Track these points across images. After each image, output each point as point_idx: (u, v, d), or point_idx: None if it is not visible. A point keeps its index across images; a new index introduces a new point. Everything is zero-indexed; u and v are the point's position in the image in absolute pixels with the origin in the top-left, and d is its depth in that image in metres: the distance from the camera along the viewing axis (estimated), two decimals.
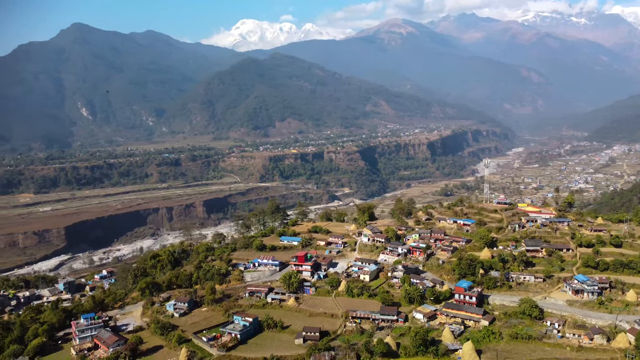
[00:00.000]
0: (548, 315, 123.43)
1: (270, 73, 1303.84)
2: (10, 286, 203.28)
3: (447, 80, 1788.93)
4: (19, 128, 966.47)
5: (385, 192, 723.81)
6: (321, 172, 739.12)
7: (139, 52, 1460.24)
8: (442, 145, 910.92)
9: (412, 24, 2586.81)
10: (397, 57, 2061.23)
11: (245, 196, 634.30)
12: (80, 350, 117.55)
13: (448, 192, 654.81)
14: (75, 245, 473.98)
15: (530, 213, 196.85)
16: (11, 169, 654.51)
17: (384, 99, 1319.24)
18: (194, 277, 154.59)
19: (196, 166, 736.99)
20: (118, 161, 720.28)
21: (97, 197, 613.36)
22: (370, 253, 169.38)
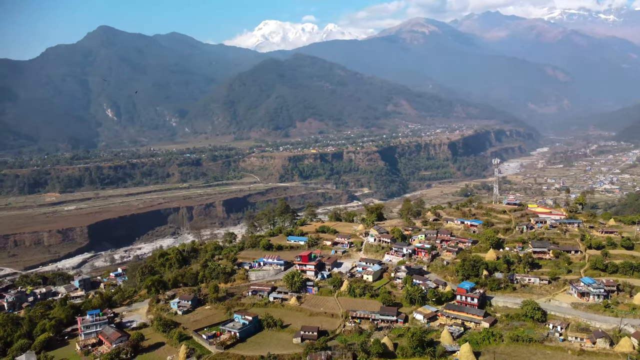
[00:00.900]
0: (551, 318, 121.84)
1: (292, 73, 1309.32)
2: (29, 283, 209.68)
3: (470, 80, 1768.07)
4: (46, 129, 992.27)
5: (405, 193, 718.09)
6: (340, 172, 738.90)
7: (162, 54, 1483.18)
8: (463, 145, 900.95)
9: (435, 23, 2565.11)
10: (419, 56, 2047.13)
11: (265, 196, 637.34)
12: (85, 346, 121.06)
13: (468, 193, 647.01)
14: (98, 243, 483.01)
15: (540, 214, 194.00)
16: (38, 168, 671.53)
17: (405, 99, 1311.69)
18: (200, 276, 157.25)
19: (217, 166, 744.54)
20: (141, 161, 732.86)
21: (120, 196, 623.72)
22: (376, 253, 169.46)
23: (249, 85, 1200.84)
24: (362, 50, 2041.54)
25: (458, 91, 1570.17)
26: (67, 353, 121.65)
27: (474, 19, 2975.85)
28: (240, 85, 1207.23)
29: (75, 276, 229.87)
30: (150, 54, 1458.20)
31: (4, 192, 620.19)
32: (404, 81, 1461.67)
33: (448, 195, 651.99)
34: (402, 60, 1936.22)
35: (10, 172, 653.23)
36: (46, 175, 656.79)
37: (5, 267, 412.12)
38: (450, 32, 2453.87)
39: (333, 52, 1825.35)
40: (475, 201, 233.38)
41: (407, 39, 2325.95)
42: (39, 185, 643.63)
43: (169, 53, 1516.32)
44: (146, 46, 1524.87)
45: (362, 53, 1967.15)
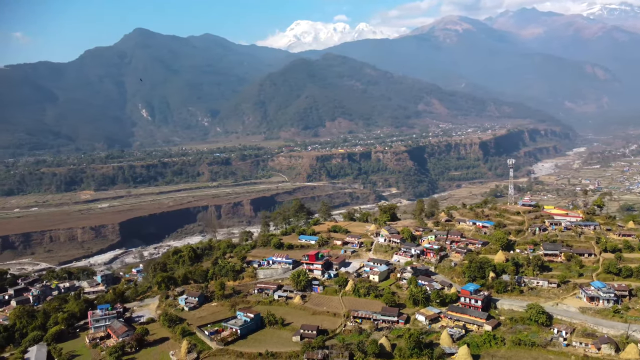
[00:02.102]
0: (557, 322, 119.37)
1: (322, 73, 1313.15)
2: (55, 277, 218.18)
3: (505, 78, 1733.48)
4: (84, 129, 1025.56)
5: (434, 193, 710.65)
6: (368, 172, 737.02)
7: (195, 55, 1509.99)
8: (495, 144, 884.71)
9: (469, 20, 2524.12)
10: (452, 55, 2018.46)
11: (292, 195, 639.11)
12: (94, 339, 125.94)
13: (498, 194, 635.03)
14: (129, 240, 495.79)
15: (556, 216, 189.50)
16: (74, 167, 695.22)
17: (436, 98, 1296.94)
18: (210, 273, 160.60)
19: (246, 165, 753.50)
20: (172, 160, 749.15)
21: (151, 194, 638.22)
22: (385, 253, 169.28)
23: (279, 85, 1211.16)
24: (393, 49, 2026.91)
25: (492, 90, 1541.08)
26: (77, 345, 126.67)
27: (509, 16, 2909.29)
28: (270, 85, 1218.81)
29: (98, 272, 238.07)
30: (184, 55, 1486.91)
31: (42, 190, 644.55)
32: (436, 80, 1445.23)
33: (477, 195, 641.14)
34: (434, 59, 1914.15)
35: (48, 170, 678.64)
36: (82, 174, 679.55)
37: (41, 262, 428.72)
38: (484, 30, 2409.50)
39: (364, 51, 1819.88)
40: (490, 202, 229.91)
41: (440, 37, 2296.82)
42: (75, 183, 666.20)
43: (202, 54, 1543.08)
44: (180, 47, 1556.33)
45: (394, 52, 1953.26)
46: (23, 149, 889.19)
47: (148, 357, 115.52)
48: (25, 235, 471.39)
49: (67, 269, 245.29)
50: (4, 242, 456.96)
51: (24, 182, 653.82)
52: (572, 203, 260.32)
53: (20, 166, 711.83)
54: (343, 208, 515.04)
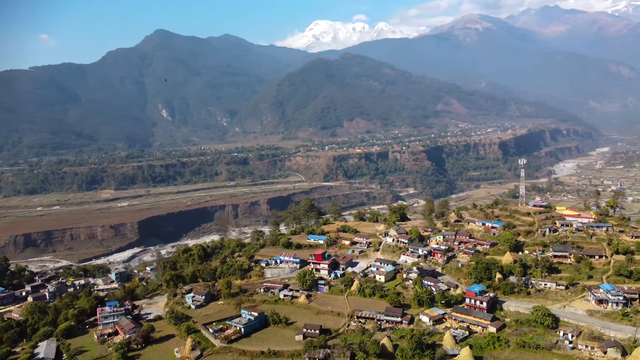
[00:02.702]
0: (563, 325, 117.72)
1: (340, 73, 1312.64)
2: (71, 274, 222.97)
3: (526, 77, 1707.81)
4: (105, 129, 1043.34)
5: (452, 193, 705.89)
6: (385, 171, 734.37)
7: (215, 56, 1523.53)
8: (515, 144, 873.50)
9: (489, 19, 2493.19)
10: (472, 54, 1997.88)
11: (309, 195, 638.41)
12: (102, 335, 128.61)
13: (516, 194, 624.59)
14: (147, 238, 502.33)
15: (567, 217, 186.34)
16: (95, 167, 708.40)
17: (456, 98, 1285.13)
18: (218, 272, 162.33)
19: (263, 165, 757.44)
20: (190, 160, 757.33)
21: (170, 193, 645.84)
22: (392, 254, 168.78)
23: (297, 85, 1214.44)
24: (412, 49, 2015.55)
25: (512, 89, 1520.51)
26: (86, 341, 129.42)
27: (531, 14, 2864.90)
28: (289, 85, 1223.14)
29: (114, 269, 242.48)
30: (204, 56, 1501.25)
31: (64, 189, 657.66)
32: (455, 79, 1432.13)
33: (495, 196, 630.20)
34: (454, 58, 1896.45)
35: (70, 170, 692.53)
36: (103, 173, 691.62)
37: (61, 260, 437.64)
38: (505, 28, 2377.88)
39: (383, 51, 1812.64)
40: (502, 203, 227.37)
41: (460, 36, 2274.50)
42: (96, 182, 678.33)
43: (221, 55, 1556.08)
44: (199, 48, 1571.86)
45: (413, 51, 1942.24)
46: (47, 149, 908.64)
47: (153, 353, 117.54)
48: (47, 233, 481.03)
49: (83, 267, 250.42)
50: (27, 239, 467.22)
51: (47, 181, 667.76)
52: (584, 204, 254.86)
53: (44, 165, 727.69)
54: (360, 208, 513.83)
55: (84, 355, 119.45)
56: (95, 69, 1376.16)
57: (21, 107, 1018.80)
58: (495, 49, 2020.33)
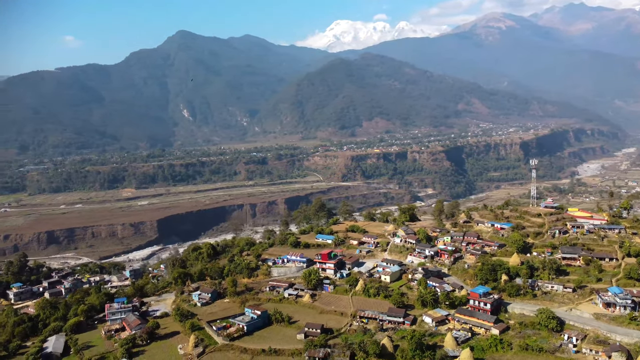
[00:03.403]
0: (568, 328, 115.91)
1: (360, 73, 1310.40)
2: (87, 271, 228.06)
3: (549, 76, 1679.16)
4: (128, 129, 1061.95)
5: (471, 194, 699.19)
6: (404, 172, 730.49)
7: (236, 56, 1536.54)
8: (537, 145, 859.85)
9: (512, 17, 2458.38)
10: (494, 53, 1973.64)
11: (326, 195, 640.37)
12: (109, 331, 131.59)
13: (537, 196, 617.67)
14: (167, 237, 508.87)
15: (579, 218, 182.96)
16: (117, 166, 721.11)
17: (477, 97, 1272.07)
18: (226, 270, 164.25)
19: (281, 165, 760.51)
20: (210, 159, 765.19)
21: (189, 192, 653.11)
22: (400, 254, 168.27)
23: (317, 85, 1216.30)
24: (433, 48, 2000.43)
25: (536, 88, 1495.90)
26: (94, 337, 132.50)
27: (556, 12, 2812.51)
28: (308, 85, 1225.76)
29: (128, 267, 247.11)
30: (224, 56, 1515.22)
31: (87, 187, 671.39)
32: (476, 79, 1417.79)
33: (515, 197, 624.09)
34: (475, 57, 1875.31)
35: (92, 169, 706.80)
36: (124, 172, 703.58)
37: (83, 257, 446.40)
38: (529, 27, 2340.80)
39: (403, 50, 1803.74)
40: (513, 204, 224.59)
41: (482, 35, 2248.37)
42: (117, 181, 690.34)
43: (242, 55, 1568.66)
44: (221, 49, 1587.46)
45: (434, 51, 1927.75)
46: (71, 148, 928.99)
47: (157, 349, 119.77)
48: (70, 231, 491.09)
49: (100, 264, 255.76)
50: (50, 236, 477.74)
51: (71, 179, 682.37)
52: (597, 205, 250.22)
53: (68, 165, 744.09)
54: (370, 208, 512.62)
55: (90, 350, 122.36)
56: (119, 69, 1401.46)
57: (47, 108, 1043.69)
58: (518, 47, 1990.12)
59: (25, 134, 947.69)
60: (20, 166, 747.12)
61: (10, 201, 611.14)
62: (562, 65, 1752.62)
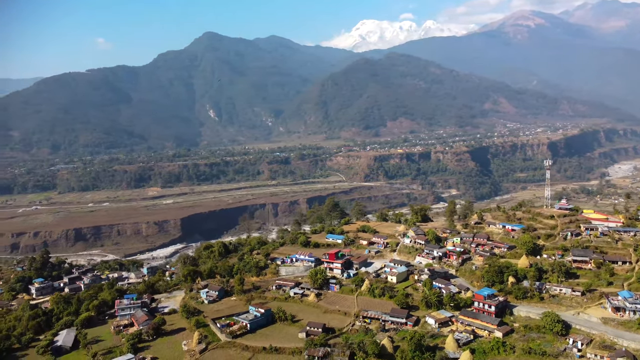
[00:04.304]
0: (574, 332, 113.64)
1: (385, 72, 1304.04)
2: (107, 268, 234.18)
3: (580, 75, 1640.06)
4: (155, 129, 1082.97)
5: (496, 195, 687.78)
6: (427, 172, 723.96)
7: (261, 57, 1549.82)
8: (565, 145, 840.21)
9: (542, 15, 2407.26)
10: (522, 51, 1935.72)
11: (348, 195, 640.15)
12: (118, 326, 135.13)
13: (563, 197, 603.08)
14: (190, 235, 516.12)
15: (594, 220, 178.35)
16: (143, 165, 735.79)
17: (504, 97, 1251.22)
18: (235, 269, 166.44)
19: (304, 165, 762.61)
20: (234, 159, 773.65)
21: (213, 192, 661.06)
22: (409, 255, 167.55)
23: (341, 85, 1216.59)
24: (460, 47, 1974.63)
25: (566, 88, 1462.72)
26: (103, 331, 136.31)
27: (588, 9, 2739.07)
28: (332, 85, 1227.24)
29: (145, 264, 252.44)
30: (250, 57, 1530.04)
31: (114, 186, 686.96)
32: (504, 78, 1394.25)
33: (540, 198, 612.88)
34: (503, 56, 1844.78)
35: (120, 168, 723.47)
36: (150, 172, 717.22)
37: (108, 254, 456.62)
38: (559, 24, 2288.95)
39: (429, 49, 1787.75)
40: (526, 205, 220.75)
41: (510, 33, 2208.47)
42: (143, 180, 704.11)
43: (267, 55, 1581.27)
44: (246, 49, 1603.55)
45: (460, 50, 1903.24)
46: (100, 148, 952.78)
47: (162, 345, 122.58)
48: (96, 228, 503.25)
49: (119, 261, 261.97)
50: (77, 234, 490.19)
51: (99, 178, 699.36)
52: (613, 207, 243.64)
53: (96, 164, 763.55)
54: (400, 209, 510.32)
55: (98, 344, 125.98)
56: (147, 70, 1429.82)
57: (78, 108, 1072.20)
58: (547, 46, 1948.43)
59: (57, 134, 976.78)
60: (51, 165, 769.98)
61: (41, 199, 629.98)
62: (593, 64, 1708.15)
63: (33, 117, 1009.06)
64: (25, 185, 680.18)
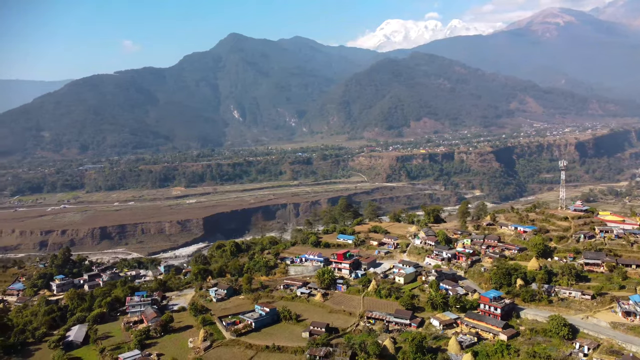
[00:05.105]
0: (581, 337, 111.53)
1: (408, 72, 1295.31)
2: (126, 266, 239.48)
3: (611, 73, 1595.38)
4: (180, 129, 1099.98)
5: (521, 196, 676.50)
6: (450, 173, 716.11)
7: (285, 58, 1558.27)
8: (594, 145, 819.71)
9: (571, 12, 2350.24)
10: (551, 50, 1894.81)
11: (370, 195, 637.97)
12: (128, 322, 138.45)
13: (591, 198, 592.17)
14: (212, 234, 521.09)
15: (610, 222, 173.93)
16: (168, 165, 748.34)
17: (531, 96, 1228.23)
18: (245, 268, 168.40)
19: (326, 165, 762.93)
20: (257, 159, 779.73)
21: (236, 191, 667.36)
22: (418, 256, 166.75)
23: (364, 86, 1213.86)
24: (486, 46, 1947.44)
25: (596, 86, 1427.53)
26: (114, 328, 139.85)
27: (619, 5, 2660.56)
28: (356, 85, 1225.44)
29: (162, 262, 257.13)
30: (274, 58, 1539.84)
31: (139, 186, 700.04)
32: (531, 77, 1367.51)
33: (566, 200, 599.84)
34: (531, 54, 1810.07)
35: (145, 167, 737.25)
36: (174, 171, 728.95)
37: (132, 252, 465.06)
38: (589, 22, 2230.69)
39: (455, 49, 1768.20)
40: (540, 206, 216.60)
41: (538, 32, 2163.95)
42: (168, 179, 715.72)
43: (291, 56, 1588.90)
44: (270, 50, 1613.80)
45: (486, 49, 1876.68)
46: (127, 148, 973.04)
47: (169, 342, 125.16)
48: (121, 227, 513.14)
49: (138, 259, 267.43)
50: (103, 232, 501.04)
51: (125, 178, 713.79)
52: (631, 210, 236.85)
53: (123, 164, 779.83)
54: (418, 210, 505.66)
55: (108, 340, 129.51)
56: (173, 72, 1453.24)
57: (106, 109, 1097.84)
58: (577, 43, 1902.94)
59: (86, 134, 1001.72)
60: (79, 165, 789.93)
61: (69, 198, 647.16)
62: (625, 62, 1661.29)
63: (63, 118, 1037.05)
64: (55, 185, 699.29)
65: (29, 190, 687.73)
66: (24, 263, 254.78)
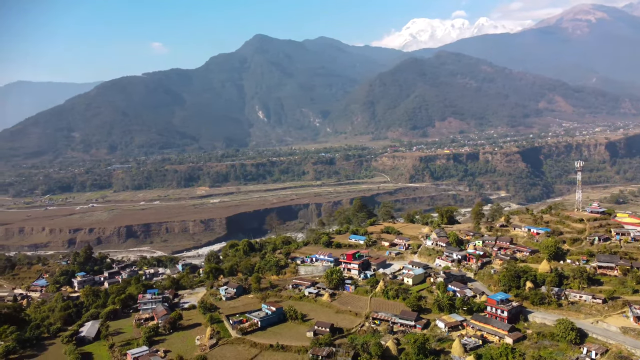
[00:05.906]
0: (590, 341, 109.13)
1: (433, 72, 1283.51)
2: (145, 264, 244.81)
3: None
4: (206, 130, 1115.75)
5: (548, 197, 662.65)
6: (475, 173, 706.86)
7: (309, 58, 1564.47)
8: (626, 145, 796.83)
9: (604, 8, 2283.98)
10: (582, 47, 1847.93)
11: (393, 196, 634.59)
12: (139, 319, 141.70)
13: (620, 200, 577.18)
14: (234, 234, 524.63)
15: (627, 225, 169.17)
16: (193, 165, 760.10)
17: (560, 95, 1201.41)
18: (256, 267, 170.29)
19: (349, 165, 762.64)
20: (280, 159, 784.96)
21: (259, 191, 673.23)
22: (429, 257, 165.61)
23: (388, 85, 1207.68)
24: (513, 44, 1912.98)
25: (628, 85, 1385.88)
26: (126, 324, 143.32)
27: None
28: (380, 85, 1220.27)
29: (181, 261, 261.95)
30: (299, 59, 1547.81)
31: (165, 185, 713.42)
32: (561, 75, 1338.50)
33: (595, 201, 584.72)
34: (560, 52, 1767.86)
35: (171, 167, 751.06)
36: (199, 171, 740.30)
37: (157, 251, 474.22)
38: (622, 18, 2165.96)
39: (481, 47, 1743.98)
40: (556, 208, 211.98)
41: (569, 29, 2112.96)
42: (193, 179, 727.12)
43: (315, 57, 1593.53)
44: (295, 51, 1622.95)
45: (514, 47, 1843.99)
46: (154, 148, 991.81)
47: (177, 339, 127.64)
48: (146, 226, 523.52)
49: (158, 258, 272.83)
50: (128, 231, 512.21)
51: (151, 177, 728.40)
52: None
53: (149, 164, 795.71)
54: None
55: (119, 336, 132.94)
56: (199, 73, 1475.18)
57: (134, 110, 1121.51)
58: (609, 41, 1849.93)
59: (115, 135, 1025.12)
60: (108, 165, 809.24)
61: (98, 197, 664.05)
62: None
63: (93, 120, 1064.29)
64: (84, 184, 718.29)
65: (59, 189, 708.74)
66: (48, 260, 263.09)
